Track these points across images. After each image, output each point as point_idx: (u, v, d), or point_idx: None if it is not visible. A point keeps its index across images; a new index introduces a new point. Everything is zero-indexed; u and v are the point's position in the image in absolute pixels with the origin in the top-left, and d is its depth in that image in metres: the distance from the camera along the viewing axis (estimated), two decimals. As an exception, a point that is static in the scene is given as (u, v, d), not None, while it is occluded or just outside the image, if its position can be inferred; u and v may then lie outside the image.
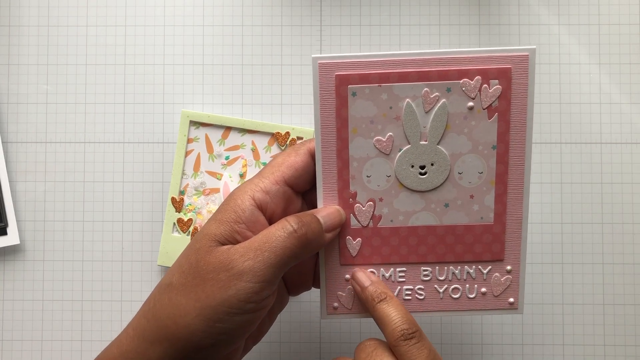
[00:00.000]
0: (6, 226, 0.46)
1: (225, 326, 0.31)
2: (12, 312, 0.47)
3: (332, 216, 0.34)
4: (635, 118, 0.47)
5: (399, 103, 0.34)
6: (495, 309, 0.36)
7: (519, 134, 0.34)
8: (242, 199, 0.33)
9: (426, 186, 0.35)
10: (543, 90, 0.47)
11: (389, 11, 0.47)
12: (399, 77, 0.33)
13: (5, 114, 0.47)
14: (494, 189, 0.34)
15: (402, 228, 0.35)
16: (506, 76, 0.33)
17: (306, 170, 0.35)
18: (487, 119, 0.34)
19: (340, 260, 0.35)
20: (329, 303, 0.36)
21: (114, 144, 0.47)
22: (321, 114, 0.34)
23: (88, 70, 0.48)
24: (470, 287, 0.36)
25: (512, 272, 0.35)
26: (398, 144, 0.34)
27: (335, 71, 0.34)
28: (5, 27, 0.48)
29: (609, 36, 0.47)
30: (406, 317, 0.32)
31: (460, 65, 0.33)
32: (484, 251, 0.35)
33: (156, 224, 0.47)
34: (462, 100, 0.33)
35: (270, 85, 0.47)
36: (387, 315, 0.32)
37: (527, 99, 0.33)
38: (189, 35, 0.48)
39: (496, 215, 0.35)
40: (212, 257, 0.32)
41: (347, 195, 0.35)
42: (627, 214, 0.47)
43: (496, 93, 0.33)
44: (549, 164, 0.47)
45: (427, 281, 0.35)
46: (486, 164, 0.34)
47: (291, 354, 0.47)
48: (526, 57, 0.33)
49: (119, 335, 0.33)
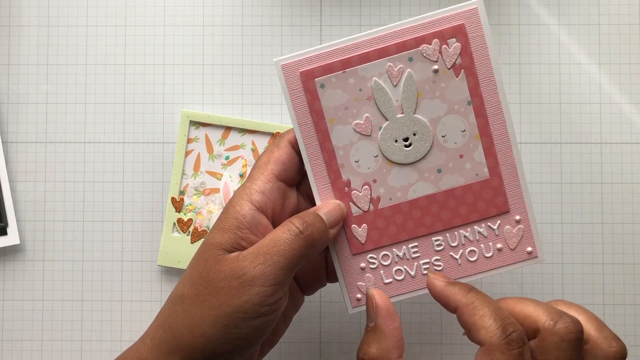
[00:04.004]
0: (6, 226, 0.46)
1: (242, 331, 0.31)
2: (12, 312, 0.47)
3: (333, 212, 0.34)
4: (635, 118, 0.47)
5: (367, 83, 0.34)
6: (516, 263, 0.35)
7: (490, 84, 0.34)
8: (241, 204, 0.33)
9: (414, 157, 0.35)
10: (543, 90, 0.47)
11: (389, 11, 0.47)
12: (360, 59, 0.34)
13: (5, 114, 0.47)
14: (481, 143, 0.35)
15: (402, 204, 0.35)
16: (462, 32, 0.34)
17: (292, 161, 0.35)
18: (455, 78, 0.34)
19: (351, 250, 0.35)
20: (351, 296, 0.36)
21: (114, 144, 0.47)
22: (296, 112, 0.34)
23: (88, 70, 0.48)
24: (485, 246, 0.35)
25: (522, 221, 0.35)
26: (377, 122, 0.35)
27: (298, 69, 0.34)
28: (5, 27, 0.48)
29: (609, 36, 0.47)
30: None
31: (416, 34, 0.34)
32: (488, 207, 0.35)
33: (156, 224, 0.47)
34: (426, 65, 0.34)
35: (270, 85, 0.47)
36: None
37: (488, 50, 0.34)
38: (189, 35, 0.48)
39: (490, 168, 0.35)
40: (222, 265, 0.32)
41: (341, 185, 0.35)
42: (627, 214, 0.47)
43: (456, 51, 0.34)
44: (549, 164, 0.47)
45: (441, 250, 0.35)
46: (466, 121, 0.34)
47: (291, 354, 0.47)
48: (475, 9, 0.34)
49: (136, 345, 0.34)
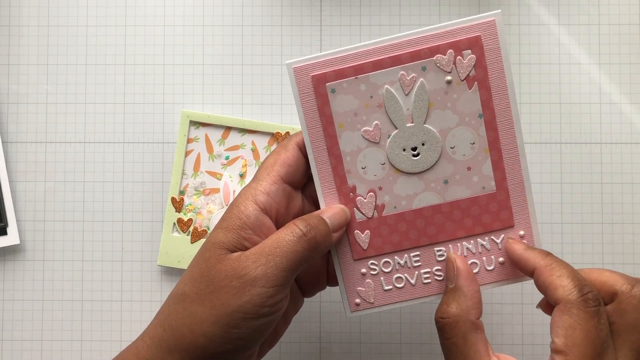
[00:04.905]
0: (6, 226, 0.46)
1: (242, 331, 0.31)
2: (12, 312, 0.47)
3: (337, 216, 0.34)
4: (635, 118, 0.47)
5: (378, 91, 0.34)
6: (517, 277, 0.35)
7: (502, 98, 0.34)
8: (245, 205, 0.33)
9: (421, 167, 0.35)
10: (543, 90, 0.47)
11: (389, 11, 0.47)
12: (373, 66, 0.34)
13: (5, 114, 0.47)
14: (489, 156, 0.34)
15: (407, 212, 0.35)
16: (477, 44, 0.33)
17: (299, 164, 0.35)
18: (467, 90, 0.34)
19: (353, 255, 0.35)
20: (350, 300, 0.36)
21: (114, 144, 0.47)
22: (305, 116, 0.34)
23: (88, 70, 0.48)
24: (487, 259, 0.35)
25: (526, 237, 0.35)
26: (386, 130, 0.34)
27: (310, 72, 0.34)
28: (5, 27, 0.48)
29: (609, 36, 0.47)
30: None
31: (431, 43, 0.33)
32: (493, 220, 0.35)
33: (156, 224, 0.47)
34: (439, 76, 0.34)
35: (270, 85, 0.47)
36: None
37: (502, 63, 0.34)
38: (189, 35, 0.48)
39: (497, 182, 0.35)
40: (224, 265, 0.32)
41: (346, 190, 0.35)
42: (627, 214, 0.47)
43: (471, 62, 0.34)
44: (549, 164, 0.47)
45: (443, 261, 0.35)
46: (476, 134, 0.34)
47: (291, 354, 0.47)
48: (493, 22, 0.33)
49: (135, 343, 0.34)
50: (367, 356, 0.47)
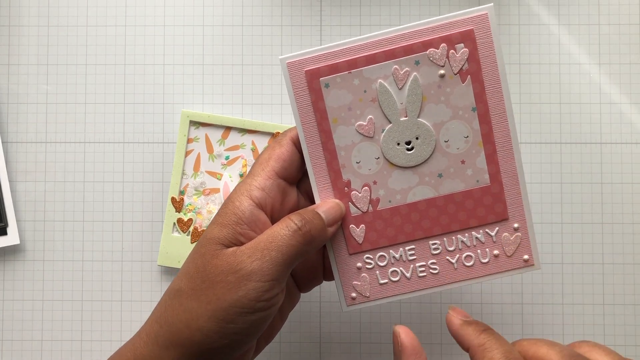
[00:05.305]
0: (6, 226, 0.46)
1: (238, 326, 0.31)
2: (12, 312, 0.47)
3: (332, 210, 0.34)
4: (635, 118, 0.47)
5: (372, 85, 0.34)
6: (511, 270, 0.35)
7: (496, 91, 0.34)
8: (240, 200, 0.33)
9: (416, 160, 0.35)
10: (543, 90, 0.47)
11: (389, 11, 0.47)
12: (366, 60, 0.34)
13: (5, 114, 0.47)
14: (483, 150, 0.35)
15: (401, 206, 0.35)
16: (470, 38, 0.34)
17: (293, 159, 0.35)
18: (461, 83, 0.34)
19: (348, 249, 0.36)
20: (346, 295, 0.36)
21: (114, 144, 0.47)
22: (299, 111, 0.34)
23: (88, 70, 0.48)
24: (482, 251, 0.35)
25: (520, 229, 0.35)
26: (380, 125, 0.35)
27: (304, 67, 0.34)
28: (5, 27, 0.48)
29: (609, 36, 0.47)
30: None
31: (424, 37, 0.34)
32: (487, 213, 0.35)
33: (156, 224, 0.47)
34: (432, 70, 0.34)
35: (270, 85, 0.47)
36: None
37: (495, 56, 0.34)
38: (189, 35, 0.48)
39: (491, 175, 0.35)
40: (219, 260, 0.32)
41: (341, 185, 0.35)
42: (627, 214, 0.47)
43: (464, 56, 0.34)
44: (549, 164, 0.47)
45: (438, 254, 0.35)
46: (470, 127, 0.34)
47: (291, 354, 0.47)
48: (485, 15, 0.33)
49: (132, 340, 0.34)
50: (367, 356, 0.47)
